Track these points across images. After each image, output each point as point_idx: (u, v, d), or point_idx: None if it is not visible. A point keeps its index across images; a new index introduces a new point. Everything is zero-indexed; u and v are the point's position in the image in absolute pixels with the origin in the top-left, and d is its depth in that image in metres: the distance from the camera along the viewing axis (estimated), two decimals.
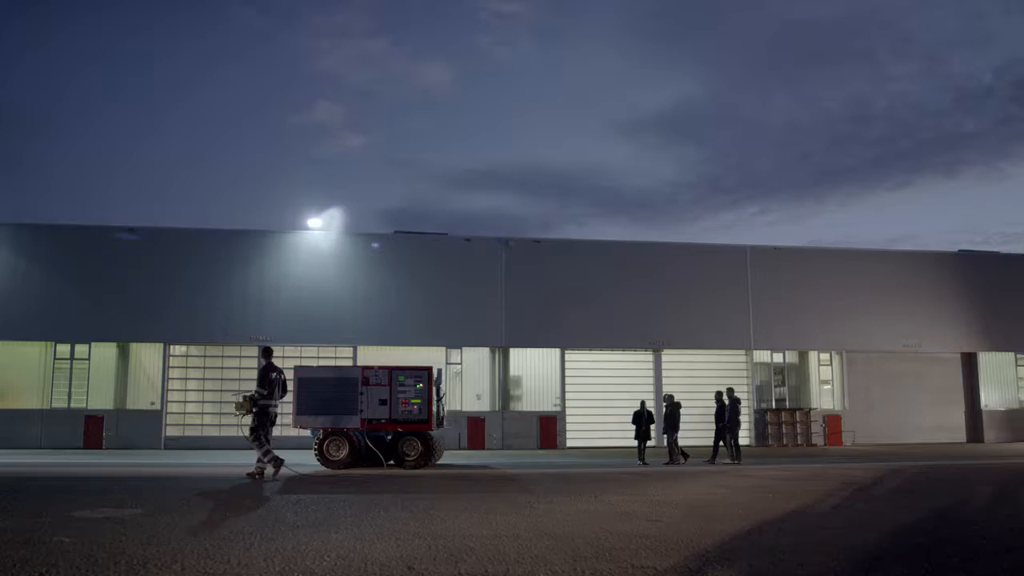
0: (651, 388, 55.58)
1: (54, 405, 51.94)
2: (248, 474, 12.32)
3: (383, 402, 15.43)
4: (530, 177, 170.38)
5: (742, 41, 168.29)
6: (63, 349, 52.24)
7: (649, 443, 23.51)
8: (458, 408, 54.26)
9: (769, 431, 56.04)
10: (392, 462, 16.55)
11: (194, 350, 53.92)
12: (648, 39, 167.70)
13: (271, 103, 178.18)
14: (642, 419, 22.61)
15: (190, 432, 52.57)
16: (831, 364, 58.77)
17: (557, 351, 55.22)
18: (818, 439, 56.37)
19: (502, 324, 54.57)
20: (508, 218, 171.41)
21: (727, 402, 20.76)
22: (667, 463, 22.38)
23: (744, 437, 56.10)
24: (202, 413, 53.23)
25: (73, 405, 51.94)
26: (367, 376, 15.38)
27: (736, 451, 20.42)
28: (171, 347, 53.03)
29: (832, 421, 56.82)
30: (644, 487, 12.68)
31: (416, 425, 15.81)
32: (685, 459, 21.85)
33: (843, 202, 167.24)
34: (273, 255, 53.84)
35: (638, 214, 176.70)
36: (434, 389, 16.91)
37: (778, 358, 58.32)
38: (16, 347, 52.19)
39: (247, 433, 12.44)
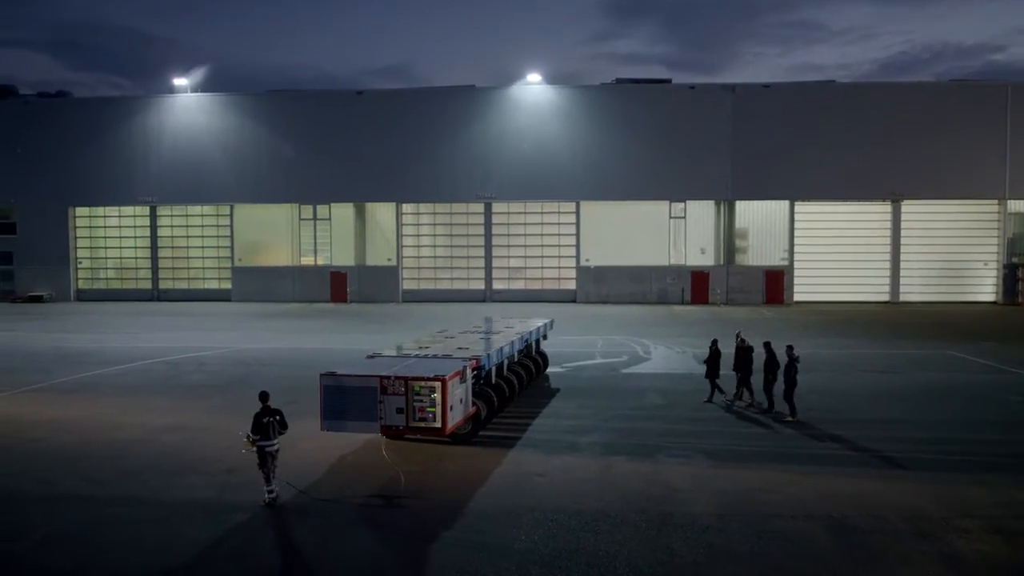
0: (887, 243, 52.52)
1: (302, 262, 56.06)
2: (264, 503, 12.96)
3: (400, 410, 15.15)
4: None
5: None
6: (307, 211, 55.66)
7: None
8: (681, 263, 53.84)
9: (1019, 288, 51.98)
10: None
11: (424, 208, 55.76)
12: None
13: None
14: (711, 357, 21.09)
15: (424, 285, 55.37)
16: None
17: (786, 203, 52.80)
18: None
19: (728, 175, 52.56)
20: None
21: (786, 358, 18.74)
22: (729, 400, 21.00)
23: (990, 294, 52.69)
24: (435, 268, 55.68)
25: (319, 262, 55.85)
26: (385, 385, 15.07)
27: (790, 406, 18.73)
28: (403, 206, 55.14)
29: None
30: None
31: (431, 432, 15.51)
32: (748, 401, 20.36)
33: None
34: (495, 112, 53.69)
35: None
36: (465, 381, 16.32)
37: None
38: (266, 209, 55.97)
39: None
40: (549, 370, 26.29)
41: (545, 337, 26.18)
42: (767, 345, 20.61)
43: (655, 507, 13.28)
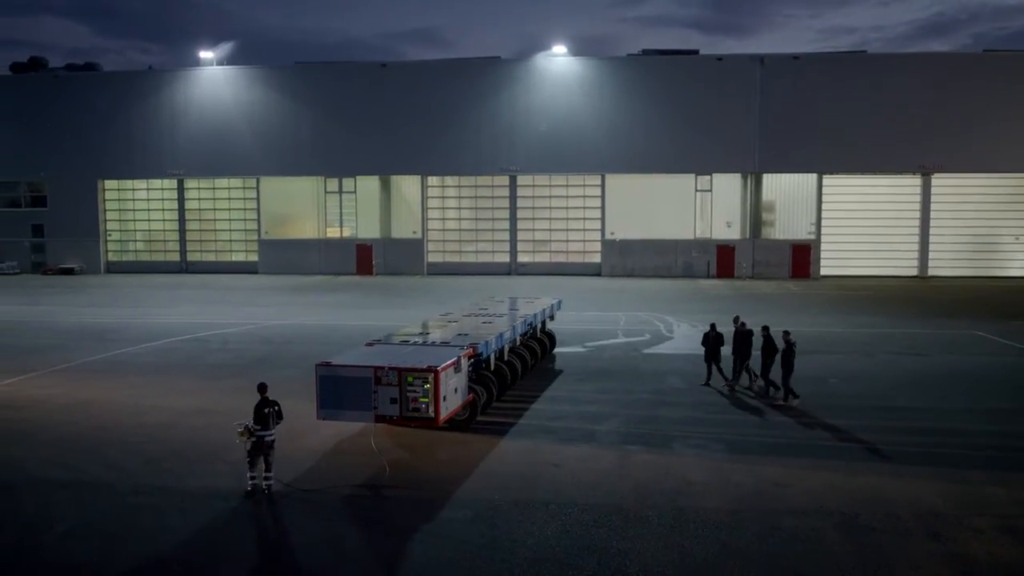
0: (917, 217, 51.70)
1: (328, 235, 56.36)
2: (248, 489, 13.22)
3: (394, 400, 15.14)
4: None
5: None
6: (332, 183, 55.84)
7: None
8: (707, 236, 53.44)
9: None
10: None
11: (449, 180, 55.70)
12: None
13: None
14: (711, 341, 20.86)
15: (449, 258, 55.48)
16: None
17: (813, 176, 52.09)
18: None
19: (755, 148, 51.88)
20: None
21: (782, 345, 18.54)
22: (727, 384, 20.82)
23: (1021, 269, 51.76)
24: (460, 241, 55.74)
25: (345, 235, 56.13)
26: (379, 376, 15.04)
27: (785, 390, 18.54)
28: (428, 178, 55.12)
29: None
30: None
31: (424, 422, 15.48)
32: (748, 384, 20.25)
33: None
34: (520, 84, 53.25)
35: None
36: (462, 370, 16.28)
37: None
38: (292, 182, 56.24)
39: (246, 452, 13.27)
40: (571, 349, 26.41)
41: (552, 317, 26.06)
42: (765, 330, 20.52)
43: (669, 502, 13.28)
